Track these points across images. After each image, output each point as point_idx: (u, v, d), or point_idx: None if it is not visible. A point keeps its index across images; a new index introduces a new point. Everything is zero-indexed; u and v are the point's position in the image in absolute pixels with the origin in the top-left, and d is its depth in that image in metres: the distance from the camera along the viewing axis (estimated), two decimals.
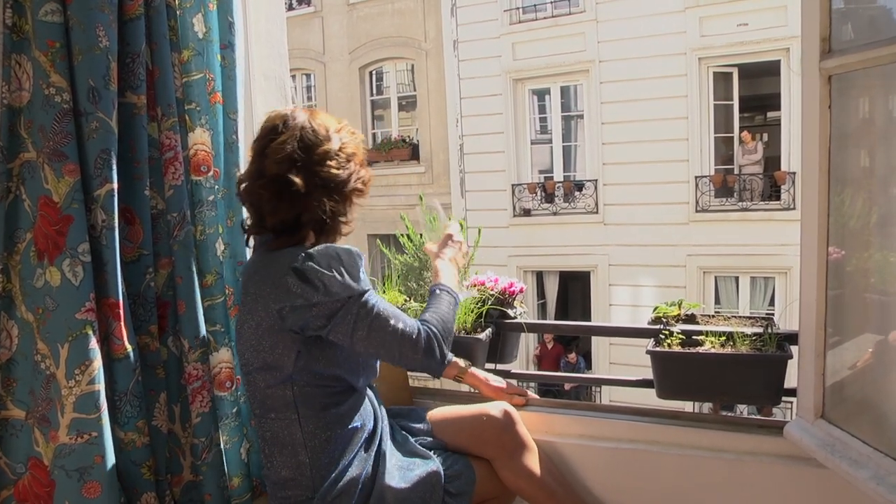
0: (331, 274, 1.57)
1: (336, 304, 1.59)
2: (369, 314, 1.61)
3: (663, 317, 2.19)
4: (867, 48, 1.57)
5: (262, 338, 1.64)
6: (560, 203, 12.63)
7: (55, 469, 1.56)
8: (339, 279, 1.58)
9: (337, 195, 1.67)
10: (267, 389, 1.68)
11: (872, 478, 1.50)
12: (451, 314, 1.80)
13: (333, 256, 1.60)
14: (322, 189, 1.64)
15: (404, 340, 1.65)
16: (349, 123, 1.78)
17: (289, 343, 1.62)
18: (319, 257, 1.58)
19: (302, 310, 1.58)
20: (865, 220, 1.76)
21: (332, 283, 1.57)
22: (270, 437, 1.72)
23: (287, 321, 1.59)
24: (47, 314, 1.54)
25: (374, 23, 14.37)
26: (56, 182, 1.54)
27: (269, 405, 1.69)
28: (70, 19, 1.53)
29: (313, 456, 1.68)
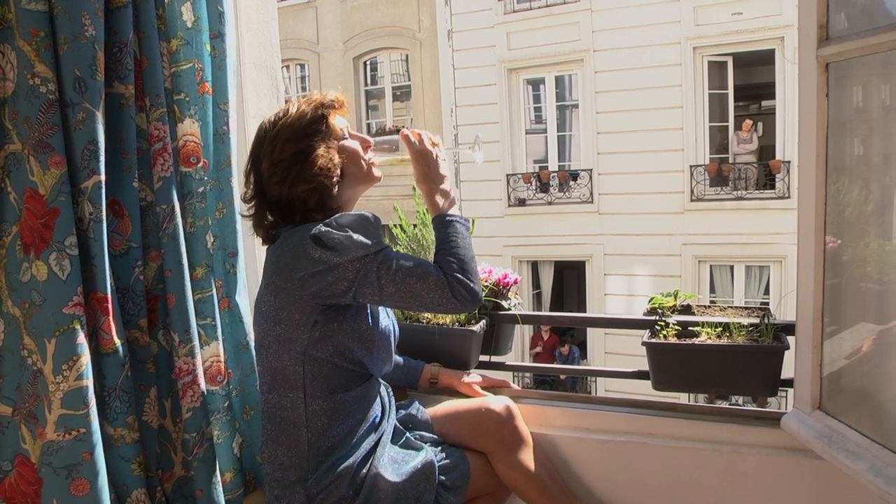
0: (346, 234, 1.61)
1: (355, 263, 1.60)
2: (390, 268, 1.62)
3: (659, 308, 2.17)
4: (865, 35, 1.55)
5: (280, 309, 1.66)
6: (555, 193, 12.62)
7: (43, 466, 1.53)
8: (355, 239, 1.61)
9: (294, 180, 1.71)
10: (277, 363, 1.70)
11: (870, 469, 1.49)
12: (464, 244, 1.73)
13: (346, 223, 1.63)
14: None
15: (435, 286, 1.63)
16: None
17: (307, 312, 1.64)
18: (333, 224, 1.62)
19: (322, 274, 1.60)
20: (862, 209, 1.75)
21: (348, 244, 1.60)
22: (274, 414, 1.73)
23: (307, 288, 1.62)
24: (34, 309, 1.51)
25: (368, 13, 14.31)
26: (42, 174, 1.50)
27: (278, 380, 1.71)
28: (55, 7, 1.49)
29: (313, 438, 1.69)
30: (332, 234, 1.60)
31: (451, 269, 1.65)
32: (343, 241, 1.60)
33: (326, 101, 1.77)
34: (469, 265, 1.69)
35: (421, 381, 2.14)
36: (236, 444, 1.95)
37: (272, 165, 1.70)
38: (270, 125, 1.75)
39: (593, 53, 12.06)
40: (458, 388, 2.14)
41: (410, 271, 1.62)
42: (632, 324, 2.30)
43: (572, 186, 12.49)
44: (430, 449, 1.84)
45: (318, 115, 1.74)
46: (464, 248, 1.71)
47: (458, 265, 1.67)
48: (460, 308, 1.65)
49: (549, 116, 13.06)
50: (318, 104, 1.76)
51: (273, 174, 1.70)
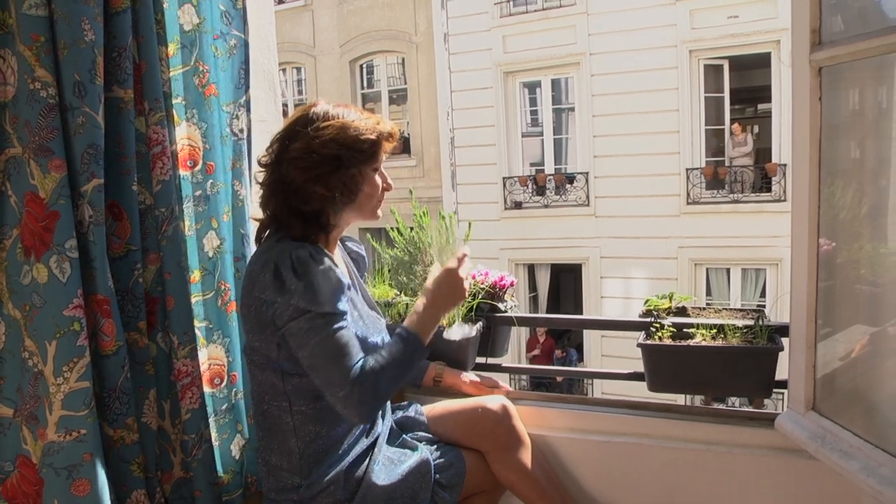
0: (299, 283, 1.56)
1: (294, 311, 1.58)
2: (318, 335, 1.57)
3: (654, 309, 2.19)
4: (857, 40, 1.57)
5: (251, 324, 1.67)
6: (551, 196, 12.63)
7: (44, 467, 1.54)
8: (303, 290, 1.56)
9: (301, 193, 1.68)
10: (259, 374, 1.71)
11: (862, 469, 1.51)
12: (399, 373, 1.64)
13: (312, 271, 1.58)
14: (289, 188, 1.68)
15: (337, 381, 1.57)
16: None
17: (269, 333, 1.64)
18: (298, 263, 1.58)
19: (269, 304, 1.60)
20: (856, 212, 1.77)
21: (297, 291, 1.56)
22: (264, 421, 1.75)
23: (260, 309, 1.62)
24: (34, 311, 1.53)
25: (365, 16, 14.32)
26: (42, 178, 1.52)
27: (264, 389, 1.72)
28: (55, 13, 1.51)
29: (303, 445, 1.71)
30: (290, 274, 1.57)
31: (368, 380, 1.57)
32: (293, 287, 1.56)
33: (387, 131, 1.74)
34: (387, 391, 1.63)
35: (426, 379, 2.14)
36: (236, 446, 1.97)
37: (307, 151, 1.63)
38: (323, 113, 1.68)
39: (589, 57, 12.07)
40: (462, 388, 2.14)
41: (329, 352, 1.57)
42: (627, 326, 2.31)
43: (568, 189, 12.50)
44: (425, 448, 1.85)
45: (375, 139, 1.70)
46: (401, 375, 1.65)
47: (383, 383, 1.59)
48: (342, 411, 1.59)
49: (546, 119, 13.07)
50: (381, 131, 1.72)
51: (301, 158, 1.63)
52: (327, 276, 1.59)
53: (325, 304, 1.57)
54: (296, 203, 1.67)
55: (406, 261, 2.39)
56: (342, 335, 1.59)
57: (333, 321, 1.59)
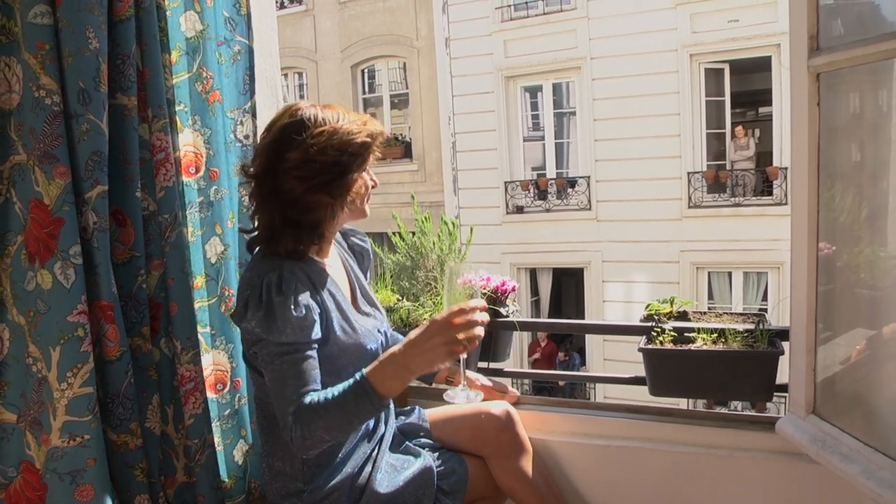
0: (258, 311, 1.55)
1: (254, 337, 1.59)
2: (271, 363, 1.56)
3: (655, 314, 2.19)
4: (854, 46, 1.58)
5: (243, 332, 1.69)
6: (553, 200, 12.65)
7: (47, 472, 1.55)
8: (263, 319, 1.55)
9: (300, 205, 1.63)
10: (259, 379, 1.70)
11: (862, 472, 1.51)
12: (343, 419, 1.52)
13: (275, 298, 1.55)
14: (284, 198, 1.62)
15: (279, 413, 1.55)
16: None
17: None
18: (266, 290, 1.56)
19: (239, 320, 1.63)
20: (856, 216, 1.77)
21: (256, 318, 1.55)
22: (267, 425, 1.76)
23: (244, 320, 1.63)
24: (39, 317, 1.54)
25: (366, 21, 14.35)
26: (47, 184, 1.53)
27: (266, 393, 1.70)
28: (59, 21, 1.52)
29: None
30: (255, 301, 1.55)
31: (308, 422, 1.50)
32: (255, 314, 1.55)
33: (377, 132, 1.66)
34: (325, 434, 1.52)
35: (438, 377, 2.12)
36: (239, 451, 1.97)
37: (305, 160, 1.56)
38: (314, 118, 1.60)
39: (590, 61, 12.10)
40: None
41: (278, 381, 1.55)
42: (628, 330, 2.32)
43: (570, 193, 12.52)
44: (428, 454, 1.85)
45: (367, 142, 1.63)
46: (345, 421, 1.53)
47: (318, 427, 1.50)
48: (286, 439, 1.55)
49: (547, 124, 13.09)
50: (371, 132, 1.64)
51: (299, 167, 1.56)
52: (289, 306, 1.54)
53: (282, 335, 1.54)
54: (294, 214, 1.61)
55: (408, 266, 2.39)
56: (295, 367, 1.54)
57: (289, 351, 1.55)
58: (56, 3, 1.52)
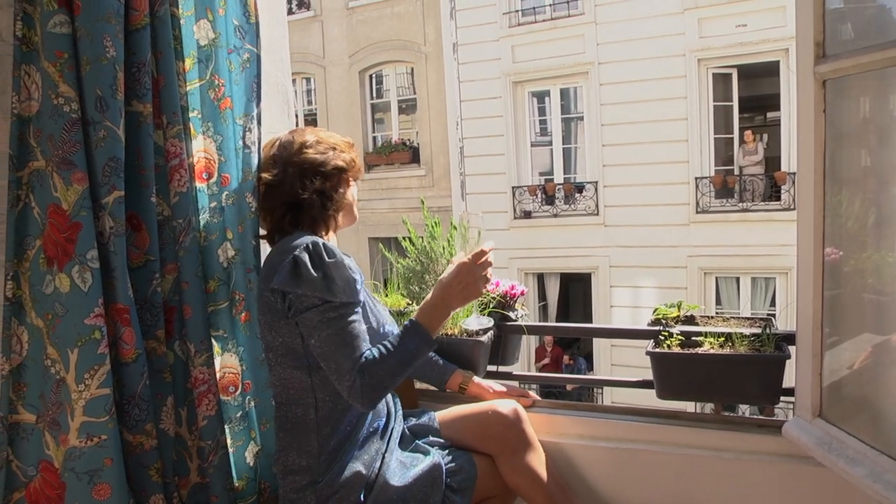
0: (314, 274, 1.65)
1: (310, 301, 1.66)
2: (331, 325, 1.66)
3: (663, 318, 2.21)
4: (861, 53, 1.60)
5: (273, 320, 1.75)
6: (560, 205, 12.65)
7: (65, 471, 1.58)
8: (321, 281, 1.65)
9: (317, 176, 1.80)
10: (285, 374, 1.78)
11: (869, 475, 1.53)
12: (403, 364, 1.69)
13: (329, 264, 1.67)
14: (299, 175, 1.79)
15: (341, 371, 1.65)
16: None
17: (291, 326, 1.72)
18: (314, 254, 1.68)
19: (285, 294, 1.68)
20: (863, 221, 1.78)
21: (314, 281, 1.65)
22: (286, 423, 1.81)
23: (278, 302, 1.70)
24: (57, 320, 1.57)
25: (374, 26, 14.41)
26: (65, 190, 1.56)
27: (290, 388, 1.79)
28: (78, 30, 1.56)
29: (322, 441, 1.76)
30: (306, 264, 1.66)
31: (373, 369, 1.64)
32: (309, 277, 1.65)
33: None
34: (391, 381, 1.68)
35: (450, 383, 2.17)
36: (250, 453, 1.99)
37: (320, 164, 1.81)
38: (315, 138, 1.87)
39: (598, 66, 12.11)
40: (486, 398, 2.15)
41: (339, 342, 1.65)
42: (636, 334, 2.34)
43: (578, 199, 12.52)
44: (437, 452, 1.88)
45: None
46: (405, 366, 1.69)
47: (385, 371, 1.65)
48: (347, 398, 1.68)
49: (555, 129, 13.11)
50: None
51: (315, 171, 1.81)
52: (343, 269, 1.68)
53: (339, 295, 1.66)
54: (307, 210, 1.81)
55: (418, 270, 2.42)
56: (353, 327, 1.68)
57: (346, 312, 1.67)
58: (75, 12, 1.55)
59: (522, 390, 2.23)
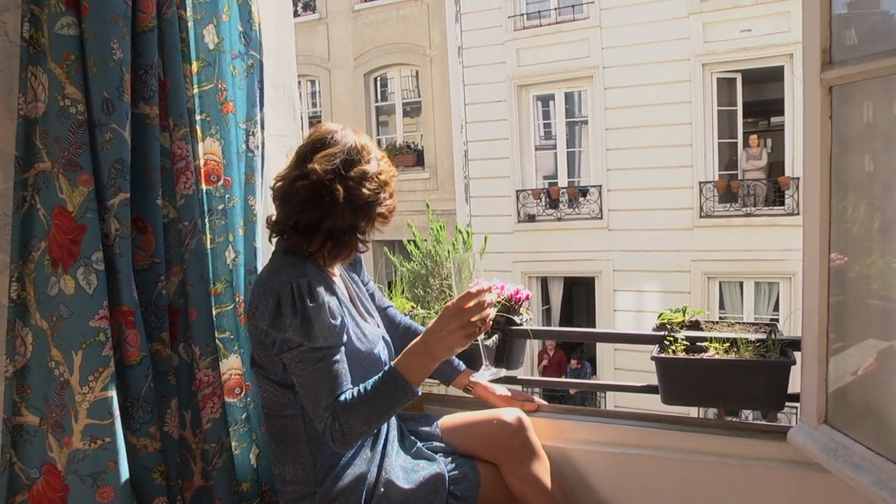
0: (295, 319, 1.63)
1: (289, 343, 1.65)
2: (308, 367, 1.65)
3: (668, 323, 2.21)
4: (867, 60, 1.59)
5: (257, 343, 1.75)
6: (564, 209, 12.65)
7: (69, 474, 1.58)
8: (300, 326, 1.63)
9: (362, 214, 1.73)
10: (268, 386, 1.77)
11: (875, 482, 1.52)
12: (377, 412, 1.64)
13: (308, 304, 1.64)
14: (350, 205, 1.70)
15: (316, 412, 1.65)
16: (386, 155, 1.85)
17: (272, 356, 1.72)
18: (298, 296, 1.64)
19: (267, 333, 1.68)
20: (868, 227, 1.78)
21: (292, 326, 1.63)
22: (277, 434, 1.80)
23: (262, 337, 1.70)
24: (61, 321, 1.57)
25: (379, 29, 14.43)
26: (70, 192, 1.56)
27: (274, 401, 1.78)
28: (85, 32, 1.56)
29: (316, 452, 1.76)
30: (289, 308, 1.63)
31: (345, 417, 1.62)
32: (292, 322, 1.62)
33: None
34: (363, 429, 1.64)
35: (456, 382, 2.14)
36: (253, 455, 2.00)
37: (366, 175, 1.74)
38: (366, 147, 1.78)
39: (603, 70, 12.12)
40: (492, 400, 2.15)
41: (315, 384, 1.64)
42: (641, 339, 2.33)
43: (582, 202, 12.52)
44: (440, 459, 1.87)
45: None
46: (379, 414, 1.65)
47: (355, 420, 1.62)
48: (323, 439, 1.67)
49: (559, 132, 13.11)
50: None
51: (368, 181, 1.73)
52: (324, 311, 1.65)
53: (317, 339, 1.63)
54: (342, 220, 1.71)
55: (423, 273, 2.42)
56: (330, 369, 1.65)
57: (324, 356, 1.65)
58: (82, 14, 1.56)
59: (528, 395, 2.22)
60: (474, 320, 1.61)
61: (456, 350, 1.64)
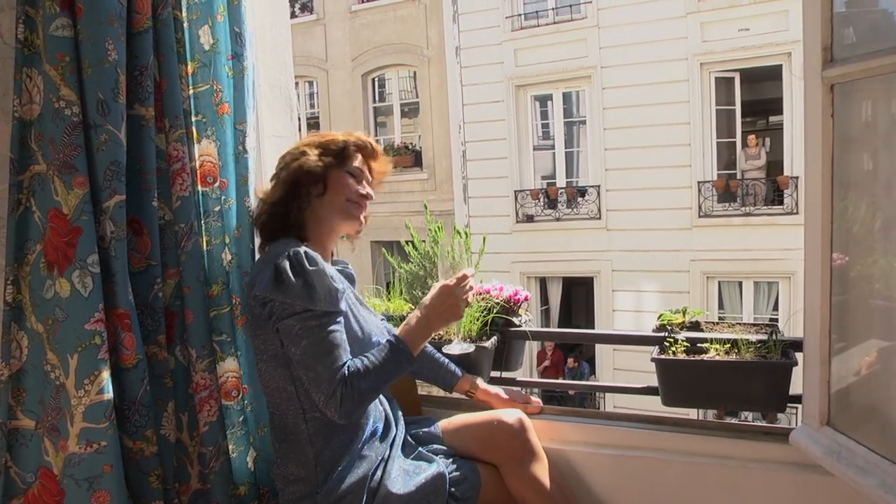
0: (295, 281, 1.65)
1: (290, 308, 1.66)
2: (311, 334, 1.65)
3: (668, 324, 2.20)
4: (869, 57, 1.58)
5: (258, 326, 1.75)
6: (563, 209, 12.64)
7: (65, 478, 1.57)
8: (301, 288, 1.65)
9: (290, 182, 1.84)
10: (272, 381, 1.78)
11: (880, 485, 1.51)
12: (383, 379, 1.71)
13: (308, 268, 1.67)
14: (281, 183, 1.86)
15: (323, 381, 1.64)
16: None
17: (272, 333, 1.72)
18: (295, 261, 1.67)
19: (267, 301, 1.68)
20: (869, 226, 1.77)
21: (294, 289, 1.65)
22: (280, 433, 1.80)
23: (259, 309, 1.71)
24: (57, 325, 1.56)
25: (376, 30, 14.42)
26: (66, 194, 1.55)
27: (277, 397, 1.78)
28: (80, 33, 1.55)
29: (318, 452, 1.75)
30: (287, 272, 1.66)
31: (351, 382, 1.64)
32: (289, 285, 1.65)
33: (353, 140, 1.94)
34: (369, 395, 1.69)
35: (458, 387, 2.15)
36: (250, 458, 1.98)
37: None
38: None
39: (601, 70, 12.11)
40: (493, 404, 2.14)
41: (319, 351, 1.65)
42: (641, 340, 2.32)
43: (580, 202, 12.51)
44: (441, 461, 1.86)
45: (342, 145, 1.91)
46: (384, 381, 1.71)
47: (365, 384, 1.65)
48: (324, 409, 1.65)
49: (557, 133, 13.10)
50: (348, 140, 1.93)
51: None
52: (324, 277, 1.68)
53: (320, 304, 1.66)
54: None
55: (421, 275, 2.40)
56: (334, 336, 1.67)
57: (327, 321, 1.67)
58: (77, 15, 1.55)
59: (529, 396, 2.21)
60: (466, 297, 1.83)
61: (451, 322, 1.85)
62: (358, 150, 1.92)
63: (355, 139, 1.91)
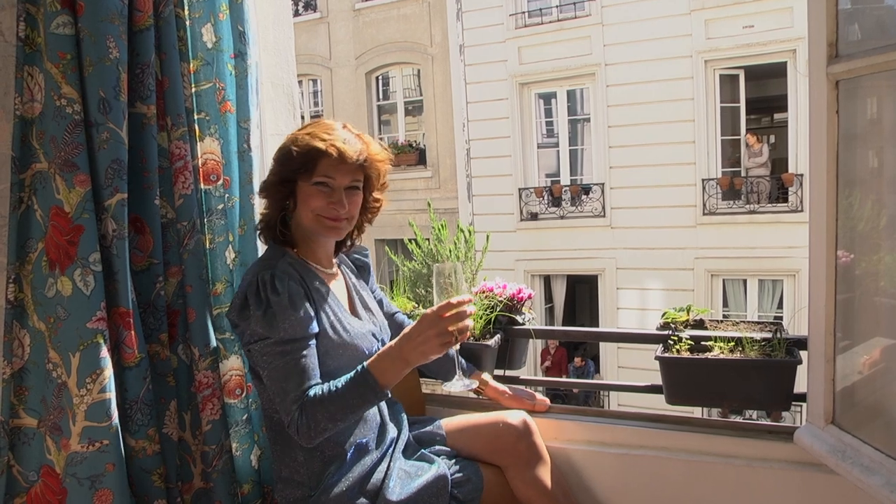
0: (257, 311, 1.62)
1: (252, 335, 1.64)
2: (272, 360, 1.62)
3: (672, 322, 2.19)
4: (875, 53, 1.57)
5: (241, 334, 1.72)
6: (567, 207, 12.62)
7: (67, 477, 1.57)
8: (262, 317, 1.61)
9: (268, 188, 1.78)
10: (261, 384, 1.74)
11: (885, 484, 1.50)
12: (345, 410, 1.60)
13: (271, 295, 1.62)
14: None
15: (283, 404, 1.61)
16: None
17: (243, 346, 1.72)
18: (262, 287, 1.63)
19: (234, 324, 1.70)
20: (875, 223, 1.76)
21: (255, 317, 1.62)
22: (274, 435, 1.78)
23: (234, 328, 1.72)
24: (59, 323, 1.56)
25: (380, 28, 14.41)
26: (67, 192, 1.55)
27: (269, 399, 1.74)
28: (81, 31, 1.55)
29: (309, 456, 1.73)
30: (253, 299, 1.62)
31: (311, 412, 1.58)
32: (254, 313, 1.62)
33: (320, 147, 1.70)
34: (328, 424, 1.60)
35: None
36: (254, 457, 1.98)
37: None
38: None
39: (605, 67, 12.08)
40: (502, 402, 2.13)
41: (280, 377, 1.61)
42: (645, 338, 2.31)
43: (584, 200, 12.49)
44: (443, 462, 1.85)
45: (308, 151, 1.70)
46: (347, 412, 1.60)
47: (323, 414, 1.58)
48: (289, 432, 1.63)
49: (561, 130, 13.07)
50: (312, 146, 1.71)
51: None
52: (286, 304, 1.62)
53: (280, 332, 1.61)
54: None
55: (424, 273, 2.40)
56: (298, 362, 1.61)
57: (289, 349, 1.62)
58: (78, 13, 1.54)
59: (531, 394, 2.20)
60: (451, 329, 1.59)
61: (430, 357, 1.61)
62: (322, 158, 1.68)
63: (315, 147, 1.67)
